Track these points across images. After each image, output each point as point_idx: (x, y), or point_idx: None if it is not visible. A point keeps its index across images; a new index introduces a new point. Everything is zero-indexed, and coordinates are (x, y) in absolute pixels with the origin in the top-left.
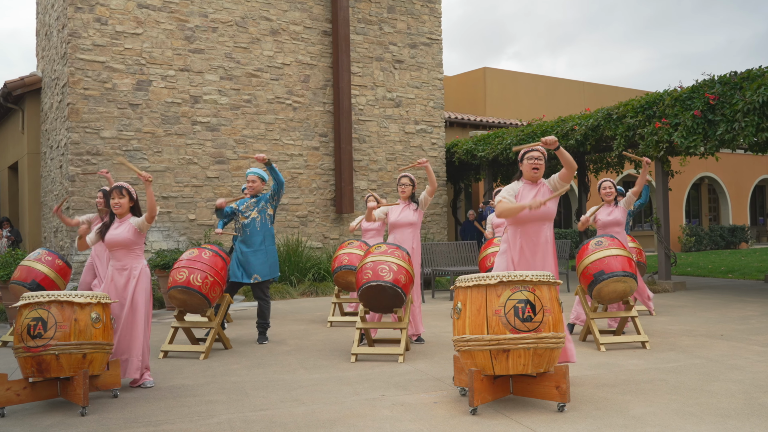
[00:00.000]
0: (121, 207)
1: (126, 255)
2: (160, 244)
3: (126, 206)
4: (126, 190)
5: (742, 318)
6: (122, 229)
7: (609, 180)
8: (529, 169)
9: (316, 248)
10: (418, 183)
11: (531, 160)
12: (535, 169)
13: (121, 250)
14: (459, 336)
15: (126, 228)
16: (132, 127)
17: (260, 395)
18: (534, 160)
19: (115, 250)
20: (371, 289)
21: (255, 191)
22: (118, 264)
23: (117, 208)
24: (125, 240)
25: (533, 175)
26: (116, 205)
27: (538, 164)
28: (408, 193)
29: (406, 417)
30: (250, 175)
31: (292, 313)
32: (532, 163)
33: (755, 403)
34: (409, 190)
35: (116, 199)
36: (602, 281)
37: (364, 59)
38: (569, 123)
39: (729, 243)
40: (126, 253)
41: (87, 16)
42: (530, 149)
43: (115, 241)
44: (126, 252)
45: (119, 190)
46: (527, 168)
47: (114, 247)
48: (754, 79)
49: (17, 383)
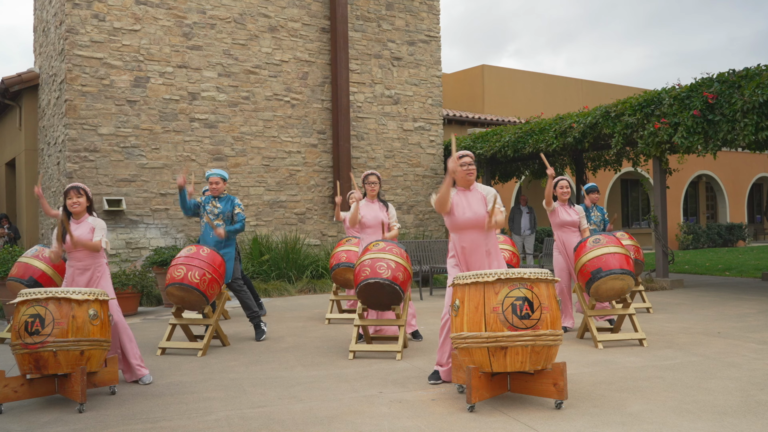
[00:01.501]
0: (80, 206)
1: (87, 255)
2: (158, 241)
3: (84, 205)
4: (83, 189)
5: (739, 316)
6: (82, 229)
7: (565, 179)
8: (463, 175)
9: (314, 245)
10: (415, 180)
11: (464, 166)
12: (468, 174)
13: (82, 251)
14: (457, 333)
15: (86, 228)
16: (130, 123)
17: (258, 392)
18: (467, 166)
19: (75, 251)
20: (369, 287)
21: (218, 192)
22: (79, 264)
23: (76, 207)
24: (86, 240)
25: (467, 180)
26: (75, 204)
27: (471, 170)
28: (376, 191)
29: (404, 414)
30: (212, 177)
31: (290, 310)
32: (466, 168)
33: (752, 400)
34: (377, 188)
35: (74, 198)
36: (600, 279)
37: (363, 56)
38: (567, 121)
39: (726, 241)
40: (87, 253)
41: (85, 12)
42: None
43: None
44: (87, 253)
45: (77, 189)
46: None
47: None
48: (753, 77)
49: (15, 380)
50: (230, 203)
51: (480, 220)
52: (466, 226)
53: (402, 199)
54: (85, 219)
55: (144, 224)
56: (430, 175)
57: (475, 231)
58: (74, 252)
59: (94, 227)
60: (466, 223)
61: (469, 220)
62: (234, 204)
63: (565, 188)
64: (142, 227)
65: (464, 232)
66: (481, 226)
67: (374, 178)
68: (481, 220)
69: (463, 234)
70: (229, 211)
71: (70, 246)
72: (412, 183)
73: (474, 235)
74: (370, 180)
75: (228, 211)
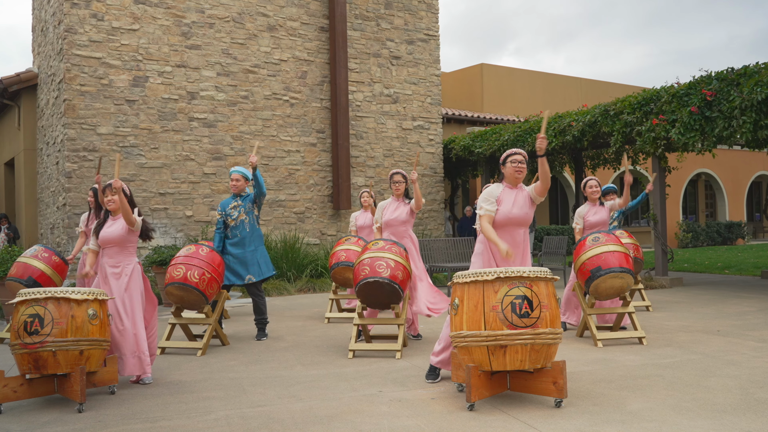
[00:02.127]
0: (115, 203)
1: (119, 252)
2: (157, 240)
3: (119, 202)
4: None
5: (738, 314)
6: (116, 226)
7: (594, 179)
8: (513, 172)
9: (313, 244)
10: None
11: (514, 163)
12: (518, 172)
13: (114, 247)
14: (456, 332)
15: (120, 225)
16: (129, 123)
17: (258, 391)
18: (517, 164)
19: (108, 247)
20: (368, 286)
21: (239, 190)
22: (111, 261)
23: (111, 204)
24: (119, 237)
25: (516, 178)
26: (110, 201)
27: (521, 168)
28: (402, 190)
29: (404, 413)
30: (234, 174)
31: (290, 310)
32: (516, 166)
33: (751, 398)
34: (402, 187)
35: (110, 195)
36: (599, 277)
37: (362, 55)
38: (566, 119)
39: (726, 239)
40: (119, 250)
41: (83, 12)
42: (513, 152)
43: (108, 238)
44: (119, 249)
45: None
46: (510, 171)
47: (107, 244)
48: (751, 75)
49: (14, 380)
50: (250, 197)
51: (523, 219)
52: (506, 223)
53: None
54: (121, 216)
55: None
56: (429, 174)
57: (515, 227)
58: (107, 248)
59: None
60: (507, 221)
61: (513, 217)
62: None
63: (594, 187)
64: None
65: (506, 228)
66: (523, 224)
67: (399, 177)
68: (525, 219)
69: (505, 230)
70: (250, 201)
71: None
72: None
73: (515, 231)
74: (396, 179)
75: (250, 202)
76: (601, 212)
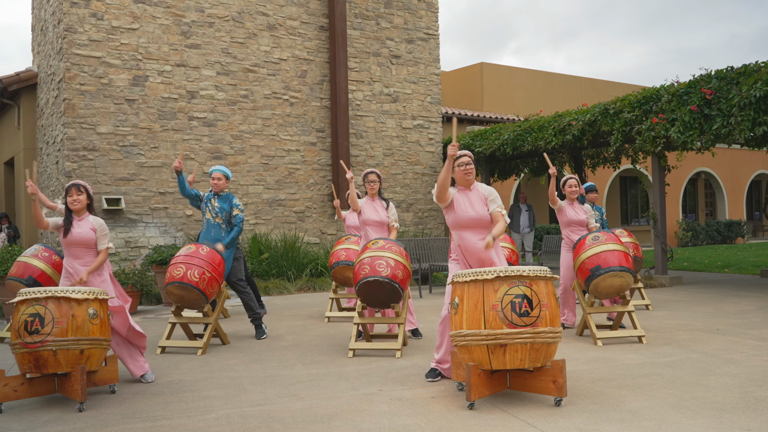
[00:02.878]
0: (80, 203)
1: (86, 253)
2: (157, 239)
3: (84, 203)
4: (84, 187)
5: (738, 312)
6: (84, 227)
7: (574, 177)
8: (462, 175)
9: (313, 244)
10: (414, 178)
11: (461, 166)
12: (467, 174)
13: (81, 248)
14: (456, 331)
15: (86, 227)
16: (128, 122)
17: (258, 390)
18: (465, 166)
19: (75, 247)
20: (369, 285)
21: (219, 188)
22: (79, 262)
23: (76, 204)
24: (87, 239)
25: (467, 180)
26: (75, 201)
27: (469, 169)
28: (376, 189)
29: (404, 412)
30: (215, 173)
31: (290, 309)
32: (463, 169)
33: (751, 397)
34: (377, 186)
35: (74, 195)
36: (599, 276)
37: (361, 54)
38: (566, 118)
39: (725, 238)
40: (86, 251)
41: (83, 11)
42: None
43: (78, 239)
44: (86, 250)
45: (77, 187)
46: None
47: (75, 245)
48: (751, 74)
49: (15, 379)
50: (229, 203)
51: (481, 220)
52: (468, 224)
53: (401, 197)
54: (86, 217)
55: (143, 223)
56: (429, 173)
57: (477, 229)
58: (74, 249)
59: (94, 227)
60: (469, 222)
61: (472, 218)
62: (232, 204)
63: (573, 187)
64: (141, 226)
65: (466, 230)
66: (483, 225)
67: (374, 176)
68: (483, 220)
69: (465, 232)
70: (227, 211)
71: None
72: (411, 181)
73: (476, 233)
74: (370, 178)
75: (226, 211)
76: (579, 212)
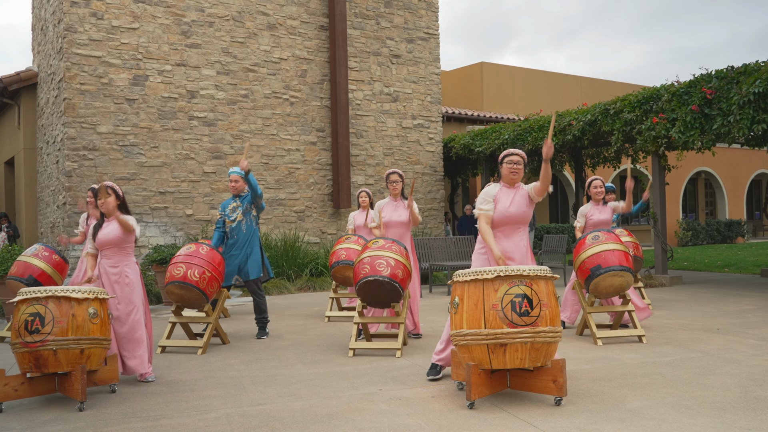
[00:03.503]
0: (108, 205)
1: (116, 253)
2: (157, 239)
3: (113, 204)
4: (111, 188)
5: (738, 312)
6: (112, 227)
7: (599, 178)
8: (508, 173)
9: (313, 243)
10: (414, 177)
11: (510, 164)
12: (513, 173)
13: (111, 248)
14: (456, 330)
15: (115, 226)
16: (129, 122)
17: (258, 390)
18: (513, 165)
19: (105, 248)
20: (369, 284)
21: (237, 191)
22: (109, 262)
23: (103, 207)
24: (115, 238)
25: (512, 179)
26: (102, 204)
27: (517, 169)
28: (398, 189)
29: (404, 411)
30: (233, 175)
31: (290, 308)
32: (511, 167)
33: (751, 396)
34: (399, 186)
35: (102, 198)
36: (599, 276)
37: (361, 54)
38: (567, 118)
39: (725, 237)
40: (116, 251)
41: (83, 10)
42: (510, 153)
43: (105, 240)
44: (116, 250)
45: (104, 189)
46: (506, 172)
47: (105, 245)
48: (751, 73)
49: (15, 379)
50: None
51: (522, 217)
52: (508, 221)
53: None
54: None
55: (143, 222)
56: (429, 173)
57: (517, 226)
58: (105, 250)
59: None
60: (509, 218)
61: (513, 214)
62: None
63: (599, 188)
64: (141, 225)
65: (504, 227)
66: (523, 222)
67: (396, 176)
68: (523, 217)
69: (503, 229)
70: (248, 202)
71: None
72: (411, 180)
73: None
74: (392, 179)
75: (247, 202)
76: (605, 212)
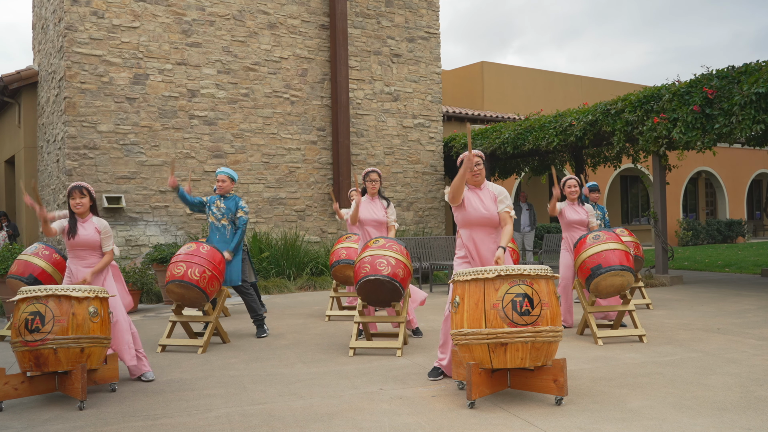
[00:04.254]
0: (83, 206)
1: (91, 254)
2: (158, 238)
3: (87, 206)
4: (86, 189)
5: (738, 312)
6: (89, 229)
7: (574, 178)
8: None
9: (313, 242)
10: (415, 177)
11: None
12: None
13: (86, 249)
14: (457, 330)
15: (91, 229)
16: (129, 121)
17: (258, 389)
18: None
19: (80, 249)
20: (369, 283)
21: (224, 191)
22: (84, 263)
23: (79, 207)
24: (92, 240)
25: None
26: (78, 205)
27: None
28: (376, 188)
29: (404, 410)
30: (220, 174)
31: (290, 308)
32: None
33: (751, 396)
34: (377, 185)
35: (77, 199)
36: (600, 275)
37: (362, 53)
38: (567, 118)
39: (726, 237)
40: (91, 252)
41: (83, 9)
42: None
43: (83, 241)
44: (91, 252)
45: (80, 189)
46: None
47: (80, 246)
48: (752, 73)
49: (15, 377)
50: (234, 204)
51: (492, 218)
52: (479, 222)
53: (402, 196)
54: (90, 219)
55: (144, 221)
56: (430, 172)
57: (487, 228)
58: (78, 251)
59: (99, 228)
60: (479, 220)
61: (483, 217)
62: (238, 206)
63: (573, 187)
64: (141, 224)
65: (476, 228)
66: (493, 224)
67: (375, 175)
68: (493, 219)
69: (475, 230)
70: (232, 212)
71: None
72: (411, 180)
73: (487, 231)
74: (371, 177)
75: (232, 212)
76: (580, 212)
